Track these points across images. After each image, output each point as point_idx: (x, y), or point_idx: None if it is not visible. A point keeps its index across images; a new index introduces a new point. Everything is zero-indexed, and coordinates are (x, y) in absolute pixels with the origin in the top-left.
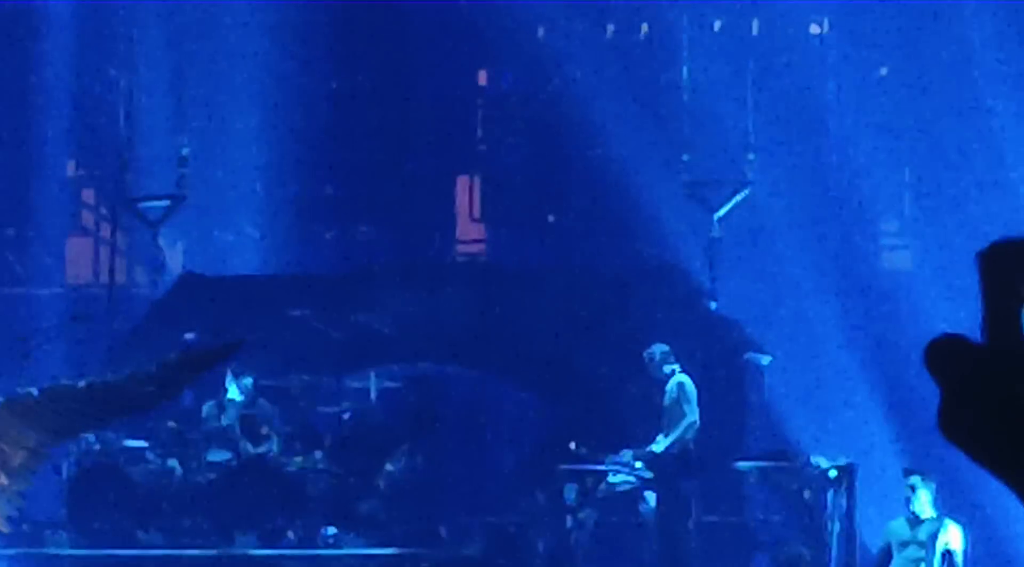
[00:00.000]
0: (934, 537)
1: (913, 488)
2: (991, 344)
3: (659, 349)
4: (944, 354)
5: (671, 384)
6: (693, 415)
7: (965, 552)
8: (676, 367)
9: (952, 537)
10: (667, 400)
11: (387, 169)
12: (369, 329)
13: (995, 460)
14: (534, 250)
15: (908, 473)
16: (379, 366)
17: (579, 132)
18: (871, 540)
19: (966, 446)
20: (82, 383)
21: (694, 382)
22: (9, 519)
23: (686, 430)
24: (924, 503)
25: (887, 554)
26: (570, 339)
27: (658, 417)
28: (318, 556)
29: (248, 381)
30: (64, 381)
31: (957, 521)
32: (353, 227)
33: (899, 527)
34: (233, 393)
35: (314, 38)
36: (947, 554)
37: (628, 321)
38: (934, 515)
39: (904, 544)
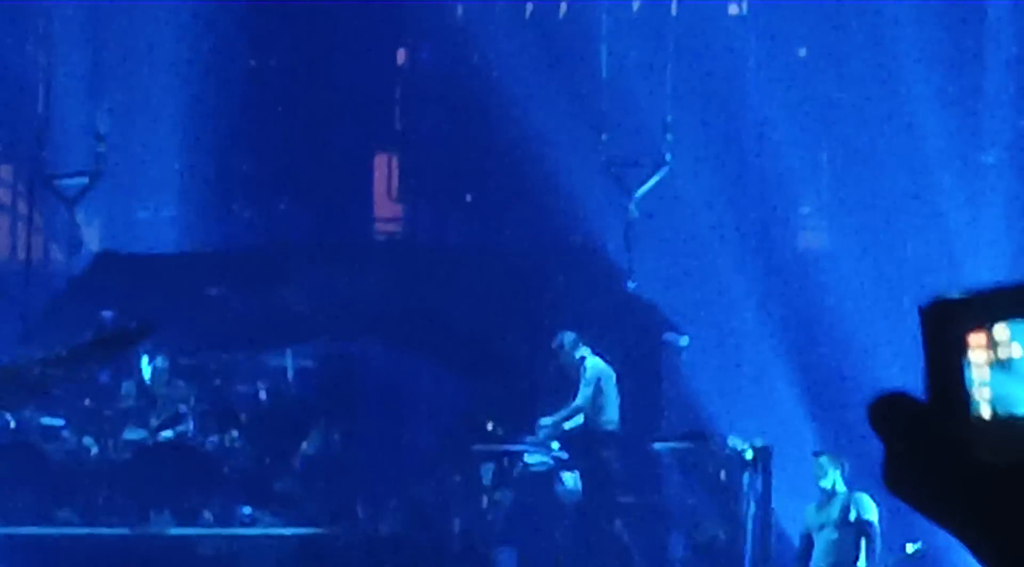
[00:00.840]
0: (846, 511)
1: (822, 468)
2: (933, 401)
3: (567, 337)
4: (887, 412)
5: (584, 366)
6: (581, 399)
7: (880, 522)
8: (587, 351)
9: (864, 508)
10: (582, 381)
11: (305, 147)
12: (286, 307)
13: (941, 515)
14: (452, 229)
15: (817, 454)
16: (296, 344)
17: (497, 111)
18: (787, 522)
19: (912, 502)
20: None
21: (611, 363)
22: None
23: (572, 413)
24: (834, 482)
25: (808, 540)
26: (488, 318)
27: (572, 398)
28: (234, 535)
29: (163, 359)
30: None
31: (868, 493)
32: (270, 205)
33: (812, 511)
34: (148, 371)
35: (233, 15)
36: (862, 525)
37: (546, 301)
38: (844, 491)
39: (821, 527)
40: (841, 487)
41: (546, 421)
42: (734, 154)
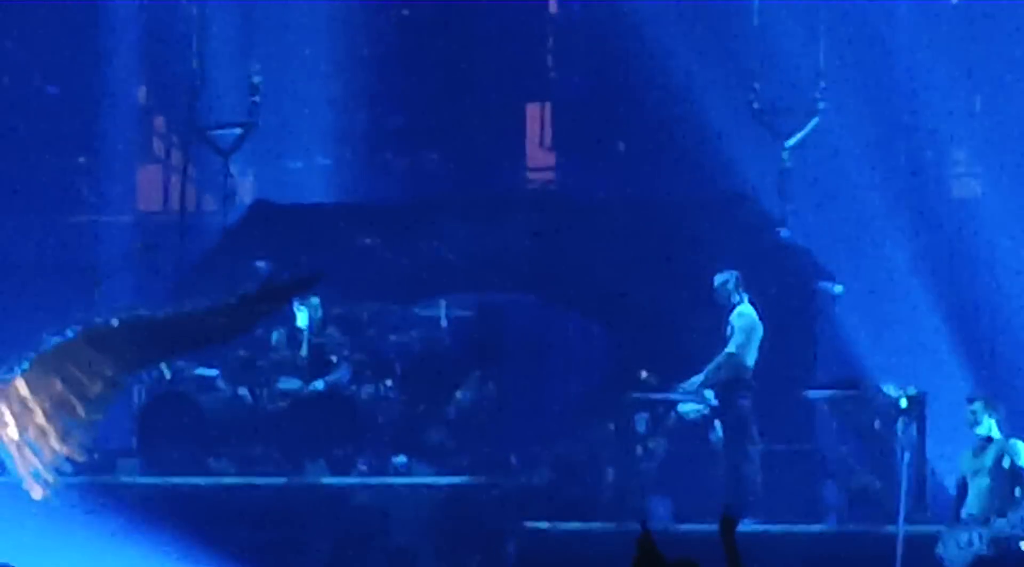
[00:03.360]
0: (1000, 458)
1: (976, 415)
2: None
3: (729, 275)
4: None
5: (734, 314)
6: (733, 346)
7: None
8: (744, 296)
9: (1018, 454)
10: (728, 330)
11: (457, 98)
12: (439, 258)
13: None
14: (604, 178)
15: (971, 400)
16: (448, 295)
17: (649, 60)
18: (941, 470)
19: None
20: (160, 314)
21: (762, 311)
22: (83, 448)
23: (725, 361)
24: (989, 428)
25: (964, 486)
26: (640, 268)
27: (724, 346)
28: (388, 485)
29: (317, 308)
30: (142, 312)
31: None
32: (423, 155)
33: (967, 458)
34: (302, 321)
35: None
36: (1016, 472)
37: (698, 250)
38: (1000, 438)
39: (975, 472)
40: (996, 433)
41: (698, 377)
42: (886, 101)
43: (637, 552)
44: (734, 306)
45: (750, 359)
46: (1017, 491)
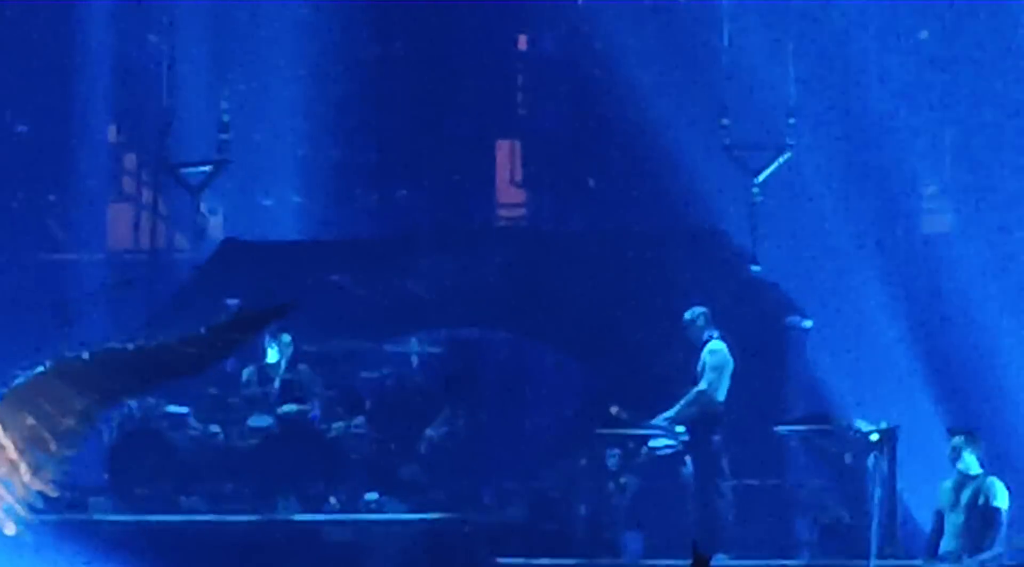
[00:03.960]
0: (976, 495)
1: (956, 449)
2: None
3: (699, 311)
4: None
5: (705, 350)
6: (704, 384)
7: (1009, 510)
8: (715, 333)
9: (994, 494)
10: (699, 366)
11: (427, 134)
12: (410, 294)
13: None
14: (575, 214)
15: (952, 433)
16: (420, 331)
17: (620, 96)
18: (912, 504)
19: None
20: (131, 346)
21: (733, 346)
22: (55, 484)
23: (695, 398)
24: (969, 463)
25: (940, 521)
26: (611, 303)
27: (695, 381)
28: (360, 521)
29: (288, 345)
30: (113, 344)
31: (1002, 480)
32: (393, 192)
33: (945, 491)
34: (273, 357)
35: (355, 2)
36: (989, 511)
37: (669, 285)
38: (979, 473)
39: (952, 508)
40: (976, 469)
41: (669, 413)
42: (856, 136)
43: None
44: (704, 342)
45: (721, 395)
46: (990, 531)
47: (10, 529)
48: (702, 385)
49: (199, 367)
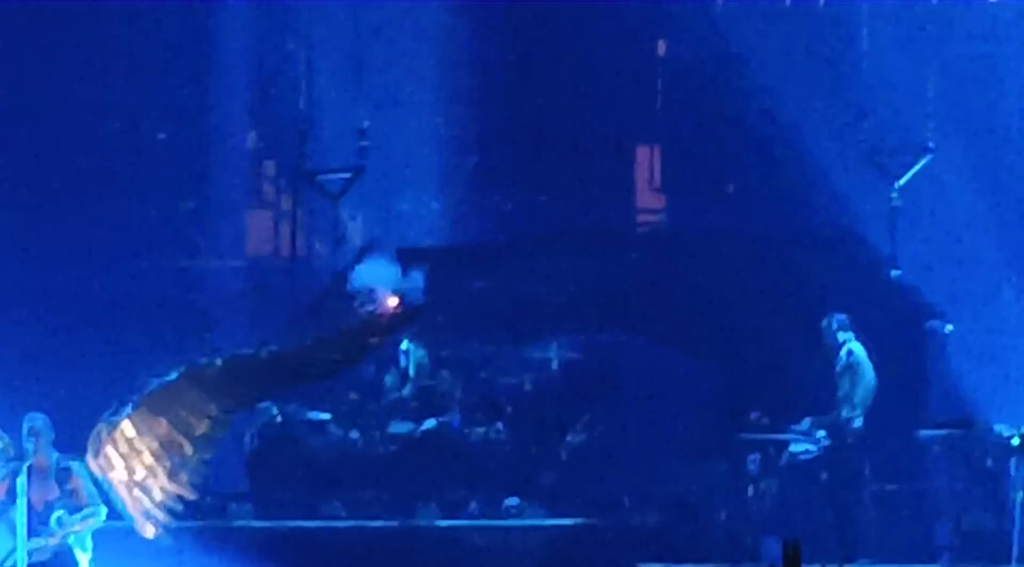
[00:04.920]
0: None
1: None
2: None
3: (836, 318)
4: None
5: (842, 353)
6: (847, 386)
7: None
8: (850, 335)
9: None
10: (838, 367)
11: (567, 139)
12: (549, 299)
13: None
14: (714, 218)
15: None
16: (559, 335)
17: (758, 100)
18: None
19: None
20: (264, 351)
21: (873, 350)
22: (193, 486)
23: (839, 401)
24: None
25: None
26: (750, 307)
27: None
28: (500, 527)
29: (428, 352)
30: (246, 350)
31: None
32: (532, 196)
33: None
34: (414, 365)
35: (492, 8)
36: None
37: (808, 289)
38: None
39: None
40: None
41: (813, 418)
42: (996, 138)
43: None
44: (841, 345)
45: (860, 398)
46: None
47: (150, 532)
48: (843, 388)
49: (333, 371)
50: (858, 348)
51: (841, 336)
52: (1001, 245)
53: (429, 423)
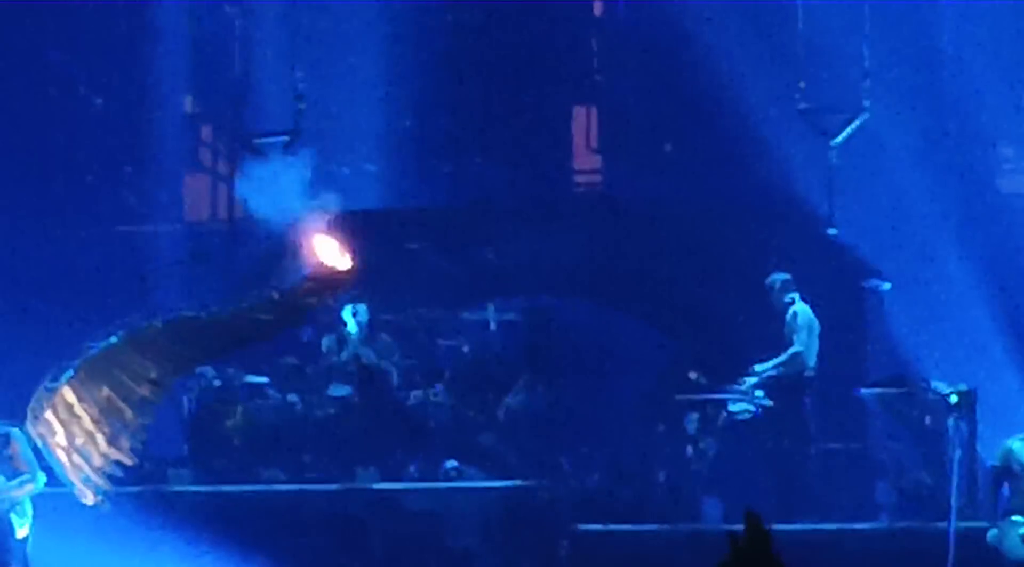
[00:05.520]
0: None
1: None
2: None
3: (779, 277)
4: None
5: (789, 313)
6: (799, 345)
7: None
8: (795, 296)
9: None
10: (785, 329)
11: (503, 101)
12: (487, 262)
13: None
14: (651, 180)
15: None
16: (497, 299)
17: (695, 61)
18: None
19: None
20: (204, 314)
21: (813, 309)
22: (133, 452)
23: (789, 359)
24: None
25: (1005, 473)
26: (688, 268)
27: (776, 346)
28: (439, 489)
29: (364, 315)
30: (186, 312)
31: None
32: (469, 160)
33: (1020, 449)
34: (352, 327)
35: None
36: None
37: (746, 249)
38: None
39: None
40: None
41: (760, 367)
42: (932, 97)
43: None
44: (787, 305)
45: (811, 357)
46: None
47: (89, 499)
48: (797, 346)
49: (272, 333)
50: (803, 308)
51: (787, 296)
52: (937, 204)
53: (368, 386)
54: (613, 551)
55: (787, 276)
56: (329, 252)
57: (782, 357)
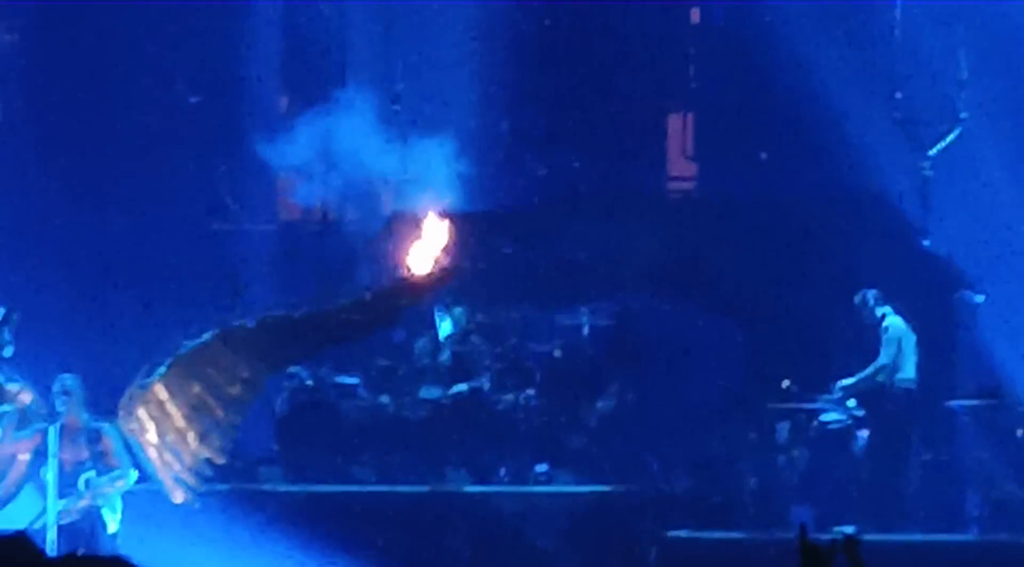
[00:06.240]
0: None
1: None
2: None
3: (870, 294)
4: None
5: (883, 325)
6: (886, 358)
7: None
8: (888, 310)
9: None
10: (883, 341)
11: (600, 106)
12: (580, 265)
13: None
14: (745, 187)
15: None
16: (591, 302)
17: (791, 69)
18: None
19: None
20: (296, 314)
21: (905, 320)
22: (223, 450)
23: (876, 372)
24: None
25: None
26: (782, 276)
27: (869, 354)
28: (529, 493)
29: (460, 317)
30: (278, 312)
31: None
32: (564, 162)
33: None
34: (445, 330)
35: None
36: None
37: (841, 259)
38: None
39: None
40: None
41: (848, 381)
42: None
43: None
44: (880, 319)
45: (905, 369)
46: None
47: (179, 497)
48: (883, 359)
49: (364, 334)
50: (895, 321)
51: (879, 311)
52: None
53: (459, 388)
54: (701, 557)
55: (876, 292)
56: (423, 254)
57: (867, 370)
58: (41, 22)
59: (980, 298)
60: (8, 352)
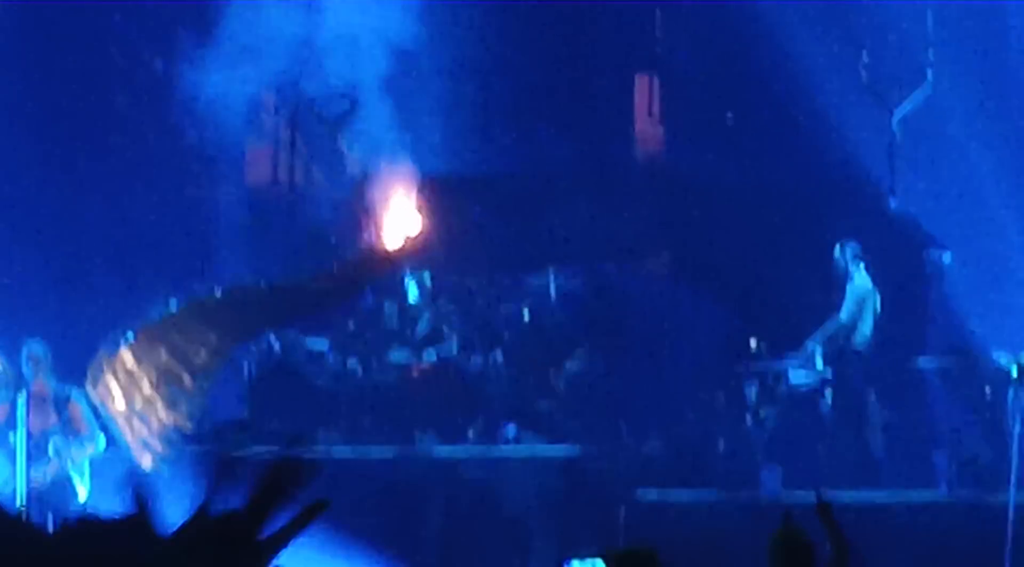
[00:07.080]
0: None
1: None
2: None
3: (849, 247)
4: None
5: (848, 284)
6: (845, 315)
7: None
8: (861, 265)
9: None
10: (847, 297)
11: (565, 70)
12: (548, 230)
13: None
14: (713, 149)
15: None
16: (558, 265)
17: (758, 30)
18: None
19: None
20: (264, 283)
21: (872, 279)
22: (191, 417)
23: (834, 330)
24: None
25: None
26: (749, 239)
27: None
28: (498, 455)
29: (427, 280)
30: (246, 282)
31: None
32: (532, 127)
33: None
34: (412, 293)
35: None
36: None
37: (806, 219)
38: None
39: None
40: None
41: (811, 341)
42: (997, 68)
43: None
44: (850, 274)
45: (863, 328)
46: None
47: (147, 462)
48: (843, 316)
49: (331, 304)
50: (860, 281)
51: (852, 267)
52: (1000, 176)
53: (427, 352)
54: (671, 518)
55: (855, 247)
56: (391, 220)
57: (825, 327)
58: None
59: (947, 256)
60: None
